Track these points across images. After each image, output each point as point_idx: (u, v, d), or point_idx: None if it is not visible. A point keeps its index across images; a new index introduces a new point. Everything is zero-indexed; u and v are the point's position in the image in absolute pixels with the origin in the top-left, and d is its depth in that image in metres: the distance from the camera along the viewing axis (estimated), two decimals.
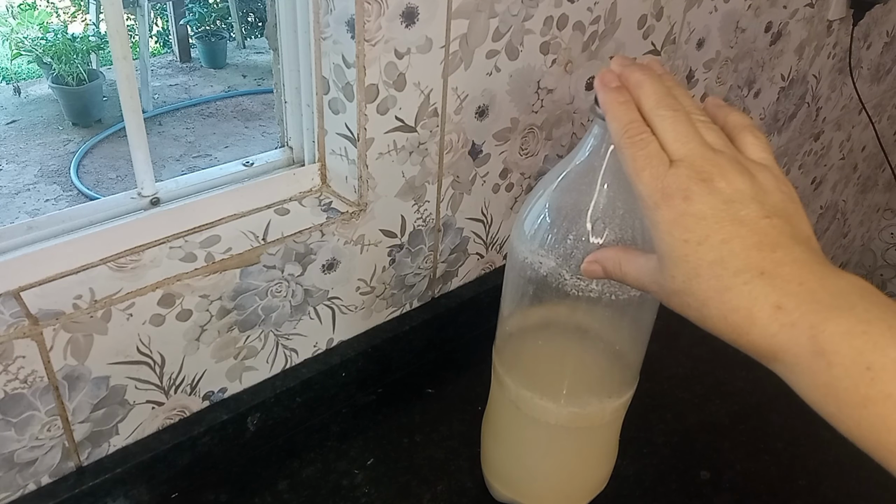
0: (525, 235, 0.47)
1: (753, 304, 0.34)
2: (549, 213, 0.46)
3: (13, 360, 0.47)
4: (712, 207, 0.35)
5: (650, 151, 0.37)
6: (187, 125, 3.34)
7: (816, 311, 0.32)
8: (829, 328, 0.32)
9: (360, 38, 0.53)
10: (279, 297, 0.60)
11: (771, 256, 0.34)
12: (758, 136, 0.39)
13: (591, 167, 0.44)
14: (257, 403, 0.61)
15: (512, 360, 0.53)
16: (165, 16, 4.05)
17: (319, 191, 0.63)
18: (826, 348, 0.31)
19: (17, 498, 0.52)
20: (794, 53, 1.05)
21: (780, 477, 0.65)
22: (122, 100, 0.51)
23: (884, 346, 0.31)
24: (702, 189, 0.35)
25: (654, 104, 0.38)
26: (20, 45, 3.14)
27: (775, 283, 0.34)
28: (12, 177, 2.86)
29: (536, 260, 0.46)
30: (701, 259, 0.35)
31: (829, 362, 0.31)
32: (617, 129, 0.38)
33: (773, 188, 0.36)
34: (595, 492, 0.59)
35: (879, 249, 1.88)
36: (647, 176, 0.36)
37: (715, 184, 0.35)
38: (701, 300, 0.35)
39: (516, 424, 0.55)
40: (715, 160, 0.36)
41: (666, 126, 0.37)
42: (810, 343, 0.32)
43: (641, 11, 0.75)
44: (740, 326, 0.34)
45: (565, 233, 0.45)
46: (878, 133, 1.45)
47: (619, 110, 0.39)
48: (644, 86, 0.39)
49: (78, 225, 0.53)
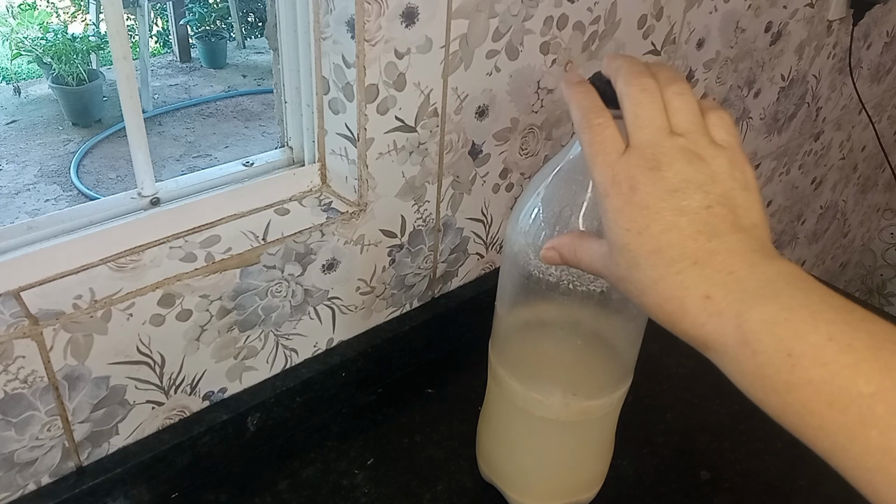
0: (519, 229, 0.47)
1: (685, 293, 0.34)
2: (543, 207, 0.46)
3: (13, 360, 0.47)
4: (656, 197, 0.35)
5: (605, 137, 0.37)
6: (187, 125, 3.34)
7: (742, 300, 0.33)
8: (754, 317, 0.32)
9: (360, 38, 0.53)
10: (279, 297, 0.60)
11: (706, 246, 0.34)
12: (722, 116, 0.38)
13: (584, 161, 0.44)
14: (257, 403, 0.61)
15: (506, 352, 0.54)
16: (165, 16, 4.06)
17: (319, 191, 0.63)
18: (750, 337, 0.32)
19: (17, 498, 0.52)
20: (794, 53, 1.05)
21: (780, 477, 0.65)
22: (122, 100, 0.51)
23: (804, 333, 0.31)
24: (648, 178, 0.35)
25: (624, 84, 0.38)
26: (20, 45, 3.14)
27: (706, 272, 0.34)
28: (12, 177, 2.86)
29: (530, 253, 0.47)
30: (640, 248, 0.35)
31: (753, 350, 0.32)
32: (576, 114, 0.39)
33: (724, 175, 0.36)
34: (592, 488, 0.59)
35: (879, 249, 1.88)
36: (599, 162, 0.37)
37: (662, 172, 0.35)
38: (640, 289, 0.36)
39: (510, 417, 0.55)
40: (666, 147, 0.36)
41: (628, 107, 0.37)
42: (736, 332, 0.32)
43: (641, 11, 0.75)
44: (673, 316, 0.35)
45: (558, 226, 0.46)
46: (878, 133, 1.45)
47: (579, 97, 0.39)
48: (621, 69, 0.39)
49: (78, 225, 0.53)
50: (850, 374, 0.30)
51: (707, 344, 0.34)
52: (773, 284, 0.33)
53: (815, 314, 0.31)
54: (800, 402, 0.31)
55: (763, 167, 1.18)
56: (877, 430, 0.29)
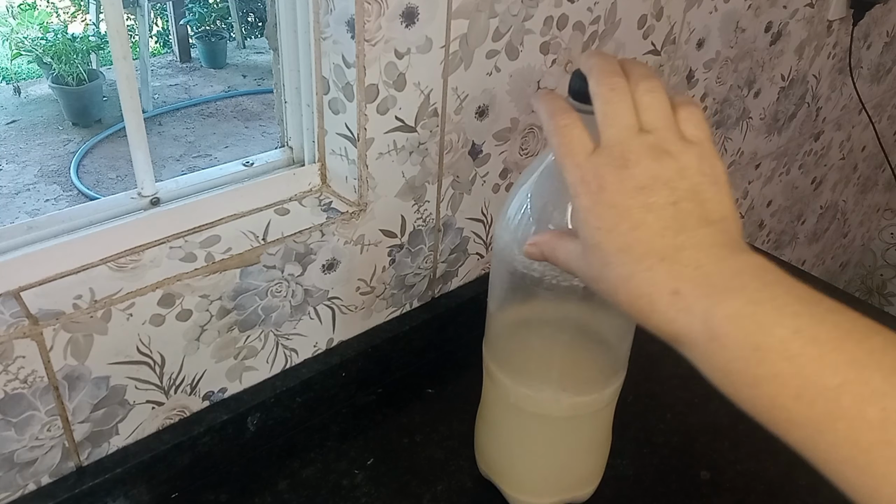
0: (507, 226, 0.48)
1: (653, 290, 0.34)
2: (530, 204, 0.47)
3: (13, 360, 0.47)
4: (623, 195, 0.35)
5: (572, 138, 0.37)
6: (187, 125, 3.35)
7: (709, 294, 0.33)
8: (721, 311, 0.32)
9: (360, 38, 0.53)
10: (279, 297, 0.60)
11: (673, 242, 0.35)
12: (692, 111, 0.38)
13: None
14: (257, 403, 0.61)
15: (497, 348, 0.54)
16: (165, 16, 4.06)
17: (319, 191, 0.63)
18: (718, 332, 0.32)
19: (17, 498, 0.52)
20: (794, 53, 1.05)
21: (780, 477, 0.65)
22: (122, 100, 0.51)
23: (770, 326, 0.31)
24: (615, 177, 0.36)
25: (595, 83, 0.38)
26: (20, 45, 3.14)
27: (674, 268, 0.34)
28: (12, 177, 2.86)
29: (519, 249, 0.47)
30: (610, 246, 0.35)
31: (721, 345, 0.32)
32: (544, 118, 0.39)
33: (693, 170, 0.36)
34: (588, 485, 0.59)
35: (879, 249, 1.88)
36: (568, 163, 0.37)
37: (630, 170, 0.35)
38: (612, 287, 0.36)
39: (503, 414, 0.56)
40: (633, 146, 0.36)
41: (598, 106, 0.38)
42: (704, 327, 0.33)
43: (641, 11, 0.75)
44: (644, 312, 0.35)
45: (543, 223, 0.46)
46: (878, 133, 1.45)
47: (546, 101, 0.40)
48: (593, 68, 0.39)
49: (78, 225, 0.53)
50: (816, 367, 0.30)
51: (678, 339, 0.34)
52: (739, 278, 0.33)
53: (780, 307, 0.32)
54: (768, 395, 0.31)
55: (763, 167, 1.18)
56: (844, 422, 0.29)
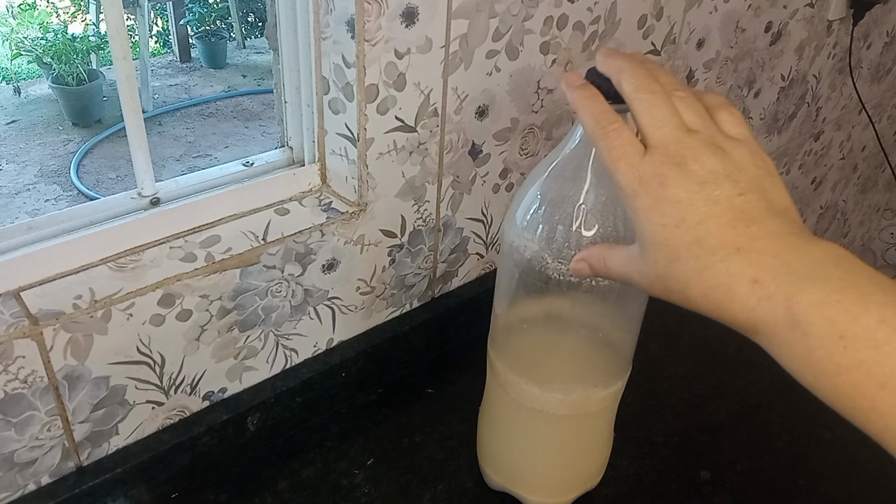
0: (516, 224, 0.48)
1: (731, 280, 0.34)
2: (539, 202, 0.47)
3: (13, 360, 0.47)
4: (687, 190, 0.36)
5: (623, 141, 0.37)
6: (187, 125, 3.34)
7: (791, 282, 0.33)
8: (804, 299, 0.32)
9: (360, 38, 0.53)
10: (279, 297, 0.60)
11: (745, 232, 0.35)
12: (733, 112, 0.39)
13: (580, 156, 0.45)
14: (257, 403, 0.61)
15: (503, 345, 0.54)
16: (165, 16, 4.05)
17: (319, 191, 0.63)
18: (801, 319, 0.32)
19: (17, 498, 0.52)
20: (794, 53, 1.05)
21: (780, 477, 0.65)
22: (122, 100, 0.51)
23: (856, 315, 0.31)
24: (676, 173, 0.36)
25: (634, 88, 0.38)
26: (20, 45, 3.14)
27: (751, 257, 0.34)
28: (12, 177, 2.86)
29: (527, 248, 0.47)
30: (679, 241, 0.35)
31: (804, 333, 0.32)
32: (589, 122, 0.39)
33: (748, 163, 0.37)
34: (585, 485, 0.59)
35: (879, 249, 1.88)
36: (623, 165, 0.37)
37: (688, 167, 0.36)
38: (683, 282, 0.36)
39: (506, 410, 0.56)
40: (688, 143, 0.36)
41: (643, 110, 0.38)
42: (786, 315, 0.33)
43: (641, 11, 0.75)
44: (721, 303, 0.35)
45: (554, 221, 0.46)
46: (878, 133, 1.44)
47: (588, 104, 0.40)
48: (624, 71, 0.39)
49: (78, 225, 0.53)
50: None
51: (756, 328, 0.34)
52: (820, 266, 0.33)
53: (865, 296, 0.32)
54: (851, 384, 0.31)
55: None
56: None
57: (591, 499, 0.60)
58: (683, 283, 0.36)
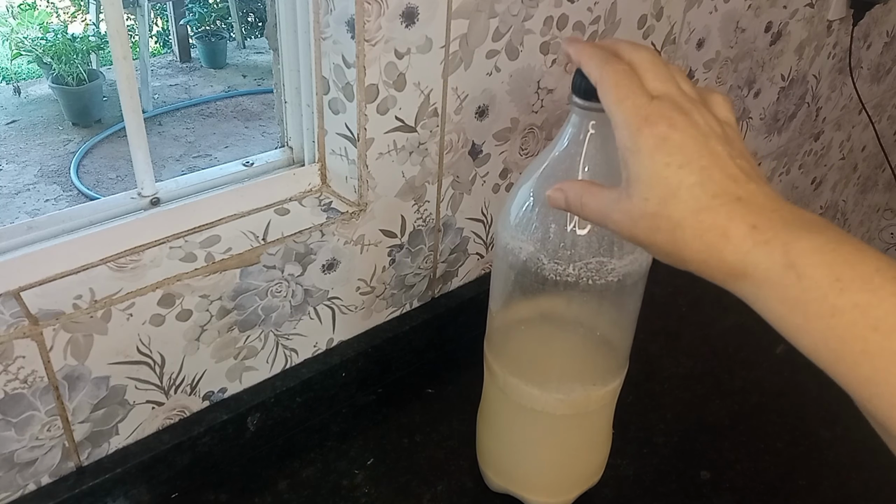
0: (509, 223, 0.48)
1: (730, 222, 0.35)
2: (531, 201, 0.47)
3: (13, 360, 0.47)
4: (693, 137, 0.37)
5: (633, 82, 0.38)
6: (187, 125, 3.34)
7: (790, 231, 0.34)
8: (801, 245, 0.33)
9: (360, 38, 0.53)
10: (279, 297, 0.60)
11: (746, 187, 0.36)
12: (725, 98, 0.41)
13: (571, 154, 0.45)
14: (257, 403, 0.61)
15: (500, 347, 0.54)
16: (165, 16, 4.05)
17: (319, 191, 0.63)
18: (797, 261, 0.33)
19: (17, 498, 0.52)
20: (794, 53, 1.05)
21: (780, 477, 0.65)
22: (122, 100, 0.51)
23: (853, 262, 0.32)
24: (683, 120, 0.37)
25: (631, 49, 0.40)
26: (20, 45, 3.14)
27: (751, 207, 0.35)
28: (12, 177, 2.86)
29: (521, 249, 0.48)
30: (681, 181, 0.36)
31: (799, 274, 0.33)
32: (595, 64, 0.40)
33: (735, 139, 0.39)
34: (587, 483, 0.59)
35: (879, 249, 1.88)
36: (629, 104, 0.38)
37: (693, 117, 0.37)
38: (675, 220, 0.36)
39: (505, 411, 0.56)
40: (685, 99, 0.38)
41: (647, 66, 0.39)
42: (783, 257, 0.33)
43: (641, 11, 0.75)
44: (714, 245, 0.35)
45: (548, 221, 0.46)
46: (878, 133, 1.44)
47: (596, 51, 0.40)
48: (619, 42, 0.41)
49: (78, 225, 0.53)
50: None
51: (746, 271, 0.35)
52: (817, 224, 0.34)
53: (860, 249, 0.33)
54: (844, 325, 0.32)
55: (763, 167, 1.18)
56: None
57: (591, 499, 0.60)
58: (675, 223, 0.36)
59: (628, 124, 0.37)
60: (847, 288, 0.32)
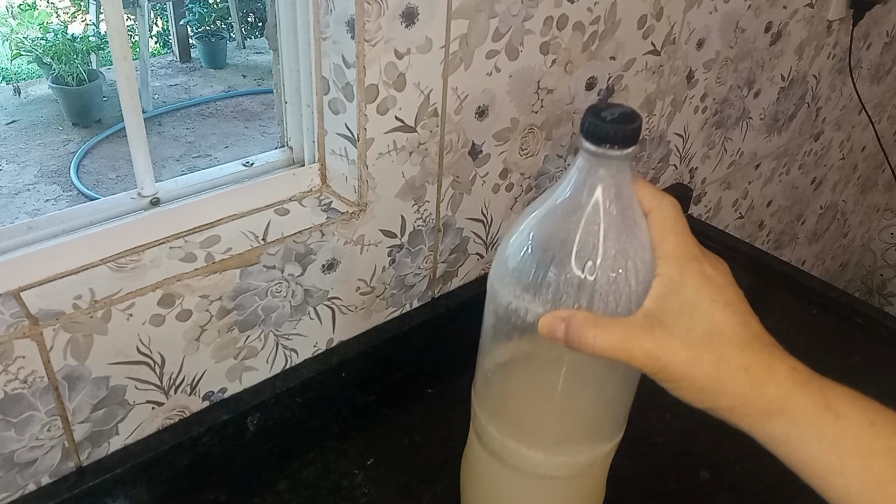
0: (507, 273, 0.42)
1: (773, 360, 0.37)
2: (532, 250, 0.41)
3: (13, 360, 0.47)
4: (731, 284, 0.39)
5: (685, 219, 0.41)
6: (187, 125, 3.34)
7: (821, 379, 0.37)
8: (836, 391, 0.36)
9: (360, 39, 0.53)
10: (279, 297, 0.60)
11: (773, 341, 0.39)
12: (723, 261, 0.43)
13: (577, 204, 0.40)
14: (257, 403, 0.61)
15: (487, 396, 0.49)
16: (165, 16, 4.05)
17: (319, 191, 0.63)
18: (834, 403, 0.35)
19: (17, 498, 0.52)
20: (794, 53, 1.05)
21: (780, 477, 0.65)
22: (122, 100, 0.51)
23: (882, 411, 0.35)
24: (723, 267, 0.40)
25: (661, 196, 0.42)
26: (20, 45, 3.14)
27: (785, 354, 0.38)
28: (12, 177, 2.86)
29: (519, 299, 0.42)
30: (727, 319, 0.37)
31: (837, 415, 0.35)
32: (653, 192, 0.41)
33: None
34: None
35: (879, 249, 1.88)
36: (682, 240, 0.40)
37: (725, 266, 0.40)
38: (720, 354, 0.37)
39: (488, 464, 0.51)
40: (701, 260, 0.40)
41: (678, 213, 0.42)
42: (822, 399, 0.36)
43: (641, 11, 0.75)
44: (759, 379, 0.37)
45: (547, 271, 0.41)
46: (878, 133, 1.45)
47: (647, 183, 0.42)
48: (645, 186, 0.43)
49: (78, 225, 0.53)
50: None
51: (785, 408, 0.36)
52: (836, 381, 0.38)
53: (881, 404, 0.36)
54: (880, 467, 0.34)
55: (763, 167, 1.18)
56: None
57: None
58: (720, 356, 0.37)
59: (678, 257, 0.38)
60: (881, 433, 0.34)
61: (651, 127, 0.88)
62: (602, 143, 0.38)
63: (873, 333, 0.81)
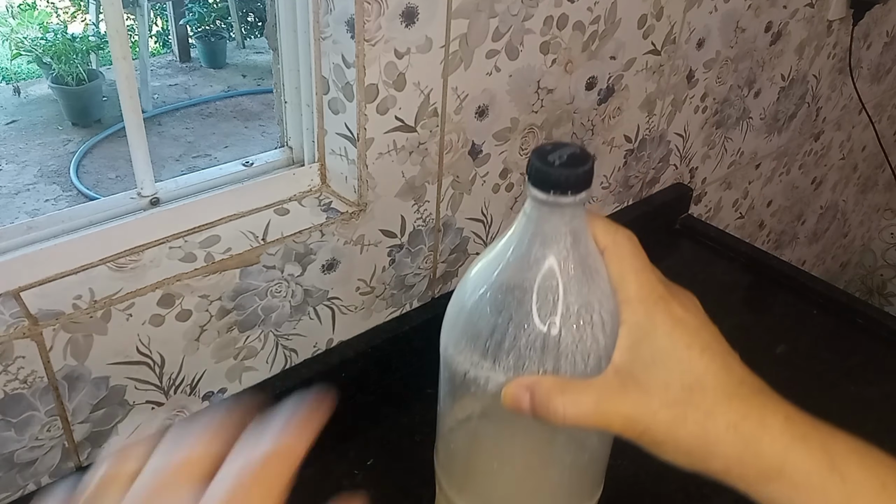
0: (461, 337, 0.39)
1: (764, 411, 0.32)
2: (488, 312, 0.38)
3: (13, 360, 0.47)
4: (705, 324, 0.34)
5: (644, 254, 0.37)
6: (187, 125, 3.34)
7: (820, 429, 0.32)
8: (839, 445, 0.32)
9: (360, 38, 0.53)
10: (279, 297, 0.60)
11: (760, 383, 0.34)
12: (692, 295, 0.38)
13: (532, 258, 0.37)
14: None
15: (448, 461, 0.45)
16: (165, 16, 4.05)
17: (319, 191, 0.63)
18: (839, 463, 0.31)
19: (17, 498, 0.52)
20: (794, 53, 1.05)
21: None
22: (121, 100, 0.51)
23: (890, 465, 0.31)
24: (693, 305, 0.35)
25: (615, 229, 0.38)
26: (20, 45, 3.14)
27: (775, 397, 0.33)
28: (12, 177, 2.86)
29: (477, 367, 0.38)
30: (707, 367, 0.33)
31: (843, 477, 0.31)
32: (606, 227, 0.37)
33: None
34: None
35: (879, 249, 1.88)
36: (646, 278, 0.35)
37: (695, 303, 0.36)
38: (704, 411, 0.32)
39: None
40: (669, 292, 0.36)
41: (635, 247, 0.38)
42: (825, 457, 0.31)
43: (641, 11, 0.75)
44: (751, 436, 0.32)
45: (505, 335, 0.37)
46: (878, 133, 1.44)
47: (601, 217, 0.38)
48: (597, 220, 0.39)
49: (78, 225, 0.53)
50: None
51: (783, 470, 0.32)
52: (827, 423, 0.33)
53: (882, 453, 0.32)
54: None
55: (763, 167, 1.18)
56: None
57: None
58: (705, 412, 0.32)
59: (642, 299, 0.34)
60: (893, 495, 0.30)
61: (651, 127, 0.88)
62: (551, 190, 0.34)
63: (873, 333, 0.81)
